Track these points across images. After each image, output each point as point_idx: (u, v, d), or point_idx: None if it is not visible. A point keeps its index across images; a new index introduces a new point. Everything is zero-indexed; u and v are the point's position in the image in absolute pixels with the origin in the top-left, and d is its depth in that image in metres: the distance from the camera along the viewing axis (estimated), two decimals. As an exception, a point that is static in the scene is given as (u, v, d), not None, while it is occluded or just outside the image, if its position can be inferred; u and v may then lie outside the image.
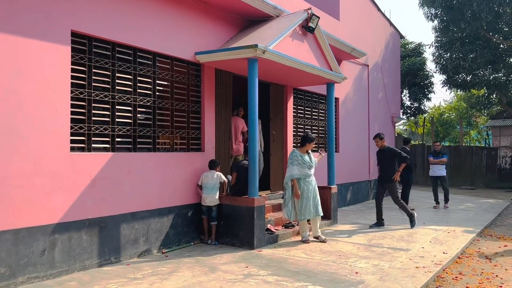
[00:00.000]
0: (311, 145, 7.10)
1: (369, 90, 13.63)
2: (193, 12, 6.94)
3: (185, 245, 6.64)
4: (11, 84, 4.62)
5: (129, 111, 6.00)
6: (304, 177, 6.99)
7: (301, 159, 6.99)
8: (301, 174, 6.96)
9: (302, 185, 6.98)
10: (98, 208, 5.48)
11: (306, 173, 7.00)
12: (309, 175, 7.03)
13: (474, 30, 17.22)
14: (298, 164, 6.97)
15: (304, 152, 7.10)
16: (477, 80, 19.16)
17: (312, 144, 7.10)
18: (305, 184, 6.99)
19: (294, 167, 6.97)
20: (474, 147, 21.79)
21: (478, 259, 6.45)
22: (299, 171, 6.96)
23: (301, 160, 6.98)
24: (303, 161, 6.99)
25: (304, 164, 6.99)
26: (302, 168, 6.97)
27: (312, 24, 7.76)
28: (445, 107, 38.05)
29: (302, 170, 6.97)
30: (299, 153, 7.06)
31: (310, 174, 7.05)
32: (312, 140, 7.10)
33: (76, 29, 5.29)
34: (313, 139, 7.14)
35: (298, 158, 7.00)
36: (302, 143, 7.15)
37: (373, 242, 7.07)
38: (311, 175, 7.07)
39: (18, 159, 4.67)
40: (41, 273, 4.87)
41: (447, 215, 10.14)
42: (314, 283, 4.88)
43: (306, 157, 7.06)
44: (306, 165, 7.00)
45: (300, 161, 6.98)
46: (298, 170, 6.96)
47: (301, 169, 6.97)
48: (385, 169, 8.51)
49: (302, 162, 6.98)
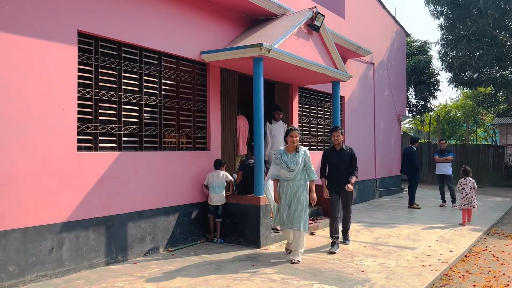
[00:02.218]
0: (289, 139, 5.90)
1: (375, 88, 13.59)
2: (199, 12, 6.96)
3: (191, 244, 6.67)
4: (19, 84, 4.66)
5: (135, 111, 6.04)
6: (284, 180, 5.90)
7: (280, 157, 5.92)
8: (280, 175, 5.92)
9: (280, 189, 5.95)
10: (105, 207, 5.52)
11: (285, 176, 5.87)
12: (288, 179, 5.86)
13: (480, 27, 17.12)
14: (278, 163, 5.94)
15: (291, 150, 5.94)
16: (483, 77, 19.05)
17: (290, 138, 5.87)
18: (282, 188, 5.92)
19: (274, 166, 6.09)
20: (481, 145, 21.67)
21: (485, 257, 6.42)
22: (278, 171, 5.96)
23: (280, 159, 5.91)
24: (281, 161, 5.88)
25: (282, 164, 5.87)
26: (281, 169, 5.90)
27: (318, 22, 7.76)
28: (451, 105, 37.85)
29: (282, 172, 5.90)
30: (282, 151, 5.98)
31: (289, 178, 5.84)
32: (288, 133, 5.91)
33: (83, 29, 5.33)
34: (289, 132, 5.91)
35: (277, 156, 5.98)
36: (284, 139, 6.11)
37: (379, 241, 7.06)
38: (291, 179, 5.85)
39: (26, 159, 4.71)
40: (49, 271, 4.91)
41: (453, 213, 10.10)
42: (320, 282, 4.88)
43: (286, 157, 5.88)
44: (284, 165, 5.84)
45: (279, 160, 5.91)
46: (277, 170, 5.96)
47: (281, 170, 5.90)
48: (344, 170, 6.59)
49: (280, 162, 5.89)
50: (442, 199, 11.51)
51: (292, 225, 5.80)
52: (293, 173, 5.83)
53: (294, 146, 5.90)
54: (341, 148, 6.64)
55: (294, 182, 5.85)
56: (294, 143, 5.89)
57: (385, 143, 14.21)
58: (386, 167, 14.22)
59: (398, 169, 14.96)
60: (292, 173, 5.83)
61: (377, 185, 13.39)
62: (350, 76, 8.97)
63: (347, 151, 6.65)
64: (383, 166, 13.95)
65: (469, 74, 19.52)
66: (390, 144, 14.69)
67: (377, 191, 13.39)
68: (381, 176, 13.73)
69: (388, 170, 14.39)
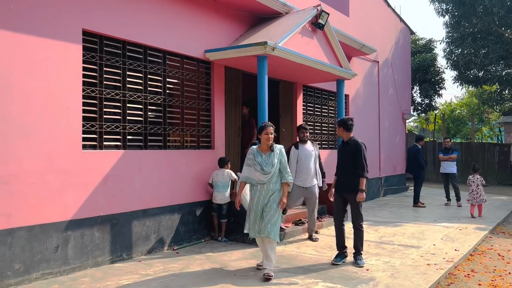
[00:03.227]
0: (263, 136, 5.09)
1: (379, 86, 13.55)
2: (203, 10, 6.96)
3: (195, 242, 6.68)
4: (24, 83, 4.68)
5: (140, 109, 6.05)
6: (257, 183, 5.11)
7: (253, 158, 5.11)
8: (252, 178, 5.12)
9: (253, 193, 5.17)
10: (110, 205, 5.54)
11: (259, 179, 5.07)
12: (262, 182, 5.07)
13: (486, 25, 17.01)
14: (251, 164, 5.13)
15: (265, 150, 5.16)
16: (489, 75, 18.95)
17: (265, 135, 5.08)
18: (256, 193, 5.12)
19: (245, 168, 5.19)
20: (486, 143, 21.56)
21: (490, 256, 6.39)
22: (250, 174, 5.12)
23: (253, 160, 5.10)
24: (255, 162, 5.08)
25: (255, 166, 5.08)
26: (254, 171, 5.09)
27: (322, 20, 7.74)
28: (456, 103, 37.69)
29: (255, 174, 5.08)
30: (255, 151, 5.17)
31: (263, 182, 5.06)
32: (262, 129, 5.12)
33: (88, 28, 5.34)
34: (263, 128, 5.11)
35: (250, 156, 5.16)
36: (257, 138, 5.37)
37: (384, 240, 7.04)
38: (265, 182, 5.06)
39: (31, 157, 4.73)
40: (55, 269, 4.94)
41: (458, 212, 10.05)
42: (324, 280, 4.88)
43: (261, 157, 5.10)
44: (258, 167, 5.06)
45: (252, 162, 5.10)
46: (249, 172, 5.13)
47: (254, 172, 5.09)
48: (345, 172, 5.67)
49: (254, 163, 5.09)
50: (447, 197, 11.45)
51: (262, 233, 5.00)
52: (268, 176, 5.06)
53: (269, 144, 5.13)
54: (347, 142, 5.73)
55: (269, 185, 5.08)
56: (269, 141, 5.10)
57: (389, 141, 14.17)
58: (391, 166, 14.18)
59: (402, 167, 14.91)
60: (267, 176, 5.06)
61: (382, 184, 13.36)
62: (354, 74, 8.95)
63: (351, 144, 5.63)
64: (388, 165, 13.92)
65: (474, 72, 19.41)
66: (394, 143, 14.65)
67: (382, 189, 13.35)
68: (385, 174, 13.69)
69: (393, 168, 14.35)
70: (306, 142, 6.98)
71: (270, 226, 4.97)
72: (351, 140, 5.67)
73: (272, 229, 4.98)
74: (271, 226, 4.98)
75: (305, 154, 6.86)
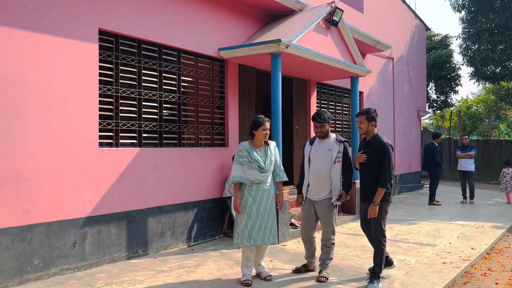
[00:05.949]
0: (260, 132, 4.67)
1: (394, 83, 13.42)
2: (217, 9, 6.98)
3: (210, 239, 6.73)
4: (42, 82, 4.77)
5: (155, 107, 6.11)
6: (252, 183, 4.67)
7: (247, 155, 4.66)
8: (247, 177, 4.65)
9: (247, 194, 4.66)
10: (126, 202, 5.61)
11: (255, 178, 4.65)
12: (259, 181, 4.67)
13: (503, 20, 16.70)
14: (243, 162, 4.66)
15: (258, 146, 4.75)
16: (506, 72, 18.59)
17: (263, 131, 4.67)
18: (251, 194, 4.66)
19: (237, 167, 4.67)
20: (504, 141, 21.18)
21: (508, 255, 6.31)
22: (244, 173, 4.64)
23: (247, 158, 4.64)
24: (251, 159, 4.64)
25: (251, 163, 4.65)
26: (249, 170, 4.63)
27: (336, 17, 7.70)
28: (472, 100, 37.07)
29: (250, 173, 4.63)
30: (248, 146, 4.71)
31: (261, 180, 4.67)
32: (260, 125, 4.66)
33: (104, 27, 5.41)
34: (261, 123, 4.67)
35: (242, 154, 4.68)
36: (250, 132, 4.80)
37: (399, 238, 7.00)
38: (262, 181, 4.69)
39: (49, 155, 4.82)
40: (73, 264, 5.03)
41: (475, 210, 9.93)
42: (339, 278, 4.88)
43: (257, 154, 4.69)
44: (254, 165, 4.65)
45: (246, 159, 4.65)
46: (243, 171, 4.65)
47: (248, 171, 4.64)
48: (367, 176, 4.81)
49: (249, 160, 4.64)
50: (463, 195, 11.32)
51: (268, 241, 4.65)
52: (265, 174, 4.70)
53: (264, 140, 4.79)
54: (369, 140, 4.81)
55: (265, 185, 4.72)
56: (266, 138, 4.75)
57: (404, 139, 14.04)
58: (406, 163, 14.05)
59: (418, 165, 14.76)
60: (264, 175, 4.68)
61: (397, 181, 13.25)
62: (369, 71, 8.89)
63: (375, 144, 4.72)
64: (403, 162, 13.79)
65: (491, 68, 19.06)
66: (409, 140, 14.50)
67: (397, 187, 13.25)
68: (400, 172, 13.57)
69: (408, 166, 14.22)
70: (326, 138, 5.05)
71: (274, 231, 4.72)
72: (375, 138, 4.76)
73: (276, 234, 4.77)
74: (274, 231, 4.72)
75: (318, 154, 5.00)
